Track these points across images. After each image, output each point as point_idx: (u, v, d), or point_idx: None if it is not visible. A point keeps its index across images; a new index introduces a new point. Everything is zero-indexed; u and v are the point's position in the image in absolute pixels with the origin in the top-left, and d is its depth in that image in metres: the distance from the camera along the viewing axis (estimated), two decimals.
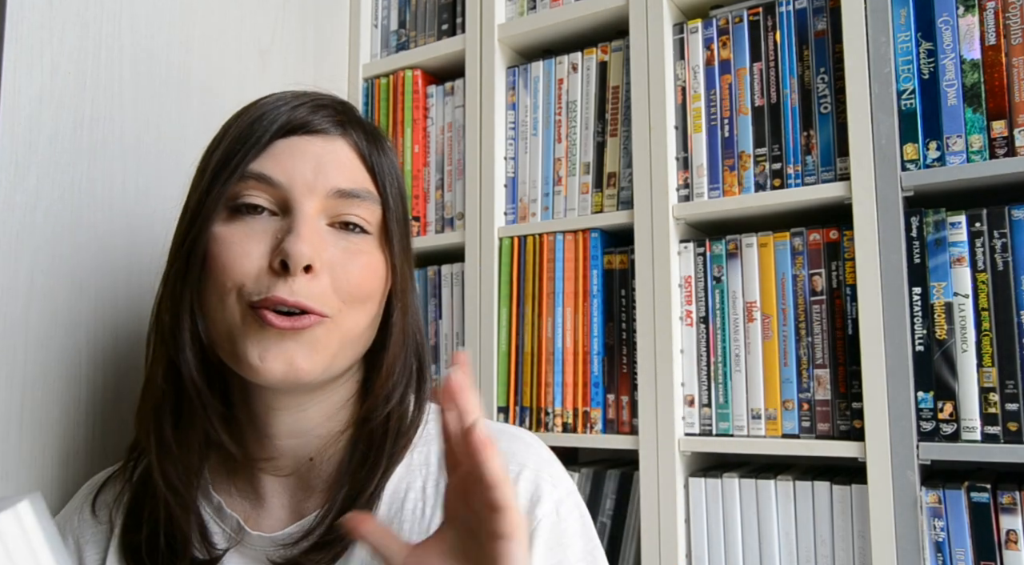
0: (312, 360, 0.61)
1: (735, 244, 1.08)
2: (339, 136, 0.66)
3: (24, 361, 0.81)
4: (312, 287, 0.60)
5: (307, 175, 0.62)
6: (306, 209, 0.62)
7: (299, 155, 0.63)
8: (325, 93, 0.69)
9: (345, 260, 0.63)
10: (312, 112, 0.65)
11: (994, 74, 0.94)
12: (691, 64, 1.13)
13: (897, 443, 0.93)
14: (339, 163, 0.64)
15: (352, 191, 0.64)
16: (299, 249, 0.59)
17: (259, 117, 0.64)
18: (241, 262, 0.61)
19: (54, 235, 0.84)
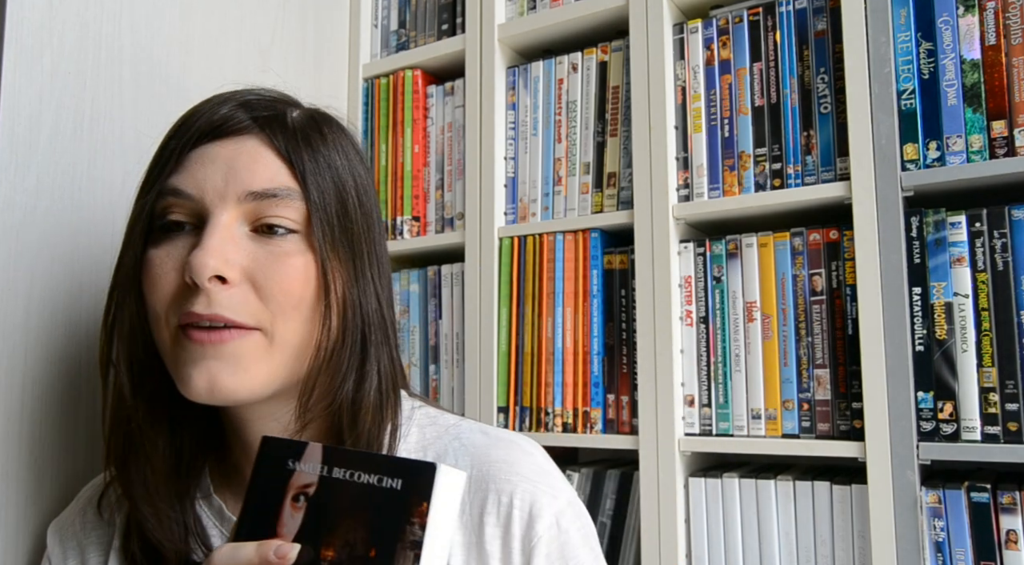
0: (238, 377, 0.58)
1: (735, 244, 1.08)
2: (252, 134, 0.62)
3: (24, 361, 0.81)
4: (231, 297, 0.58)
5: (217, 183, 0.60)
6: (219, 219, 0.59)
7: (209, 163, 0.61)
8: (259, 90, 0.66)
9: (268, 265, 0.60)
10: (232, 111, 0.63)
11: (994, 74, 0.94)
12: (691, 64, 1.13)
13: (897, 443, 0.93)
14: (251, 164, 0.61)
15: (267, 191, 0.60)
16: (199, 261, 0.57)
17: (177, 130, 0.64)
18: (163, 285, 0.60)
19: (54, 235, 0.84)
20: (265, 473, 0.50)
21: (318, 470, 0.48)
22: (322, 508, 0.47)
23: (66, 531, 0.73)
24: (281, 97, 0.67)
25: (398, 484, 0.45)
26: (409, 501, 0.44)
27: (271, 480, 0.49)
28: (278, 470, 0.49)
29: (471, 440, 0.66)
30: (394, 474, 0.45)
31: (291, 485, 0.48)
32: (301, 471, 0.48)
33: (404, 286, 1.33)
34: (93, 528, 0.71)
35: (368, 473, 0.46)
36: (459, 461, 0.65)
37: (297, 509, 0.48)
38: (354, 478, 0.46)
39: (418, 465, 0.44)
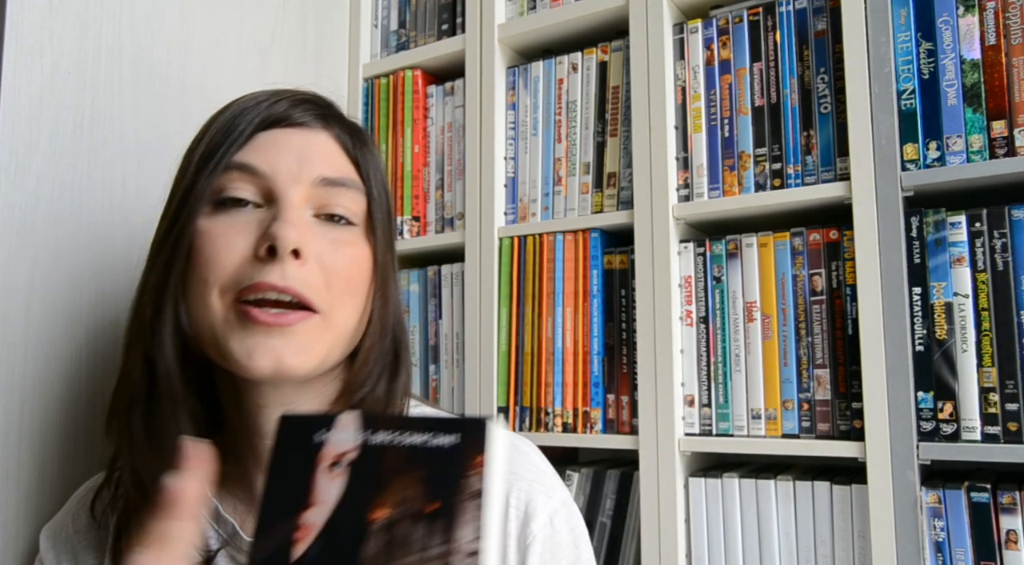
0: (300, 358, 0.60)
1: (735, 244, 1.08)
2: (321, 129, 0.65)
3: (24, 361, 0.81)
4: (303, 274, 0.60)
5: (291, 164, 0.62)
6: (291, 197, 0.61)
7: (282, 146, 0.63)
8: (306, 90, 0.69)
9: (332, 251, 0.62)
10: (292, 106, 0.65)
11: (994, 74, 0.94)
12: (691, 64, 1.13)
13: (897, 443, 0.93)
14: (323, 153, 0.64)
15: (337, 179, 0.63)
16: (286, 232, 0.58)
17: (240, 113, 0.64)
18: (225, 255, 0.60)
19: (54, 235, 0.84)
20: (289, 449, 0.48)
21: (359, 437, 0.46)
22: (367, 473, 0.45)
23: (59, 535, 0.72)
24: (323, 97, 0.70)
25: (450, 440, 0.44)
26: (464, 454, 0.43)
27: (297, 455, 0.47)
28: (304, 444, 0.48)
29: None
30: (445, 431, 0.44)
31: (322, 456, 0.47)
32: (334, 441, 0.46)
33: (404, 286, 1.33)
34: (86, 531, 0.71)
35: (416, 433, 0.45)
36: None
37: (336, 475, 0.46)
38: (400, 441, 0.45)
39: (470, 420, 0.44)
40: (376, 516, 0.44)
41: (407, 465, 0.44)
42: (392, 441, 0.45)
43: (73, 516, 0.73)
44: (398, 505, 0.43)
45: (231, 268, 0.60)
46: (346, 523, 0.44)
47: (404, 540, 0.43)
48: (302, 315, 0.60)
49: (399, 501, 0.44)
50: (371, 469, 0.45)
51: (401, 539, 0.43)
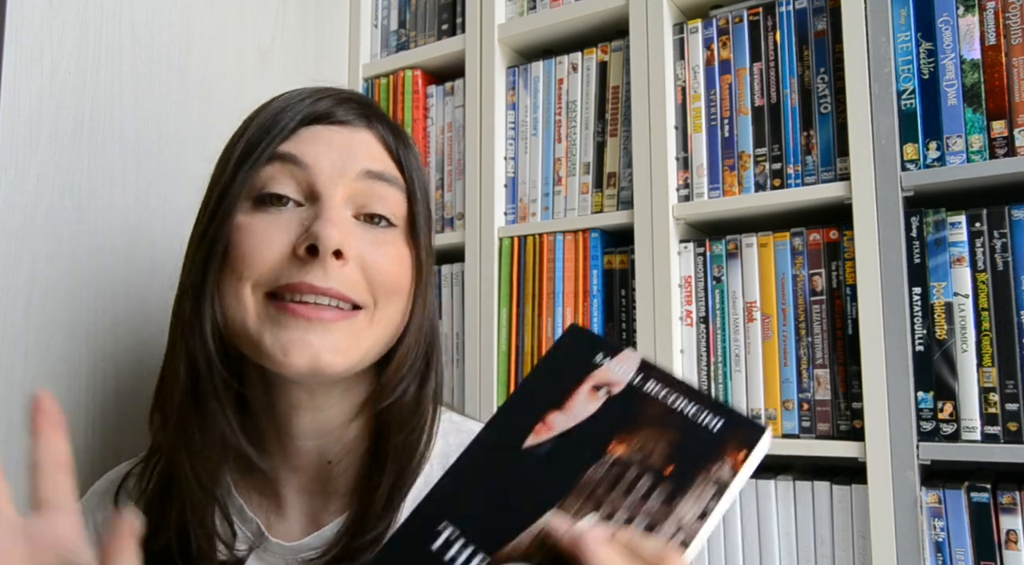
0: (339, 356, 0.59)
1: (735, 244, 1.08)
2: (364, 127, 0.65)
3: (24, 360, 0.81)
4: (345, 274, 0.59)
5: (334, 158, 0.61)
6: (333, 196, 0.60)
7: (325, 141, 0.62)
8: (347, 88, 0.68)
9: (374, 251, 0.61)
10: (336, 104, 0.64)
11: (994, 74, 0.94)
12: (691, 64, 1.13)
13: (897, 443, 0.93)
14: (366, 149, 0.63)
15: (381, 173, 0.63)
16: (328, 232, 0.57)
17: (282, 109, 0.63)
18: (262, 251, 0.59)
19: (54, 235, 0.85)
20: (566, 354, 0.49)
21: (630, 375, 0.47)
22: (623, 408, 0.46)
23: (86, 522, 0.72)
24: (365, 96, 0.70)
25: (718, 424, 0.44)
26: (726, 443, 0.43)
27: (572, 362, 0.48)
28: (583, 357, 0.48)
29: None
30: (717, 413, 0.44)
31: (594, 375, 0.47)
32: (610, 368, 0.47)
33: None
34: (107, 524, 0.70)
35: (687, 400, 0.45)
36: None
37: (595, 397, 0.47)
38: (667, 400, 0.45)
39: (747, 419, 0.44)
40: (615, 449, 0.44)
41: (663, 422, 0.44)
42: (658, 394, 0.46)
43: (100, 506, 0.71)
44: (638, 450, 0.44)
45: (268, 265, 0.59)
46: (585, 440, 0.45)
47: (628, 482, 0.43)
48: (342, 314, 0.59)
49: (640, 448, 0.44)
50: (628, 408, 0.46)
51: (626, 480, 0.43)
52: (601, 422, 0.46)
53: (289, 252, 0.59)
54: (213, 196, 0.63)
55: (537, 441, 0.46)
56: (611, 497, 0.42)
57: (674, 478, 0.42)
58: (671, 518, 0.41)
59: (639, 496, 0.42)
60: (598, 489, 0.43)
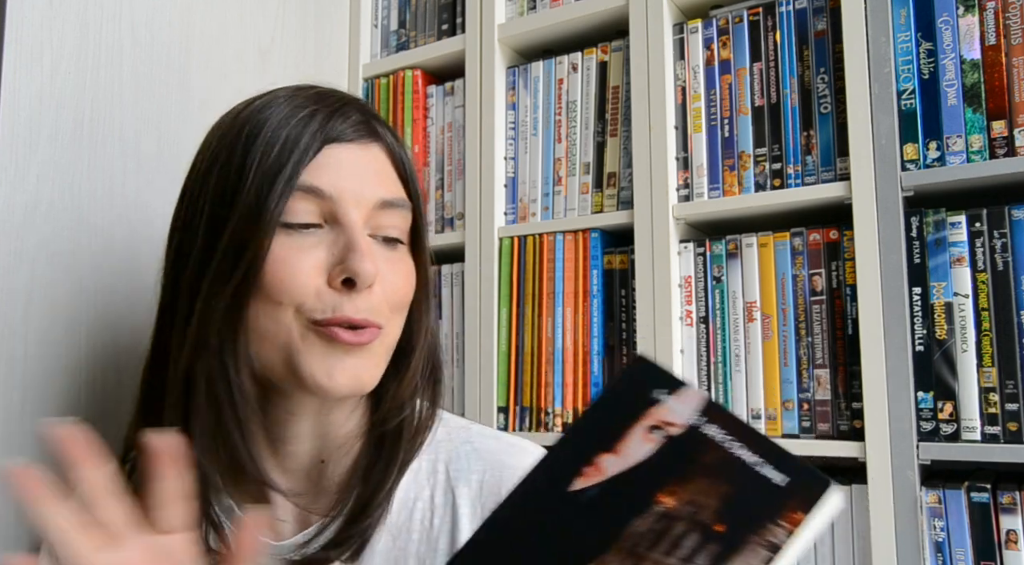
0: (372, 372, 0.62)
1: (735, 244, 1.08)
2: (373, 142, 0.65)
3: (24, 361, 0.81)
4: (371, 301, 0.61)
5: (355, 186, 0.62)
6: (356, 221, 0.62)
7: (346, 165, 0.63)
8: (341, 90, 0.69)
9: (389, 271, 0.63)
10: (343, 119, 0.64)
11: (994, 74, 0.94)
12: (691, 64, 1.13)
13: (897, 443, 0.93)
14: (379, 172, 0.65)
15: (393, 200, 0.64)
16: (366, 267, 0.59)
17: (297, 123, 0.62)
18: (298, 279, 0.60)
19: (54, 235, 0.85)
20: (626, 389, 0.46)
21: (691, 416, 0.44)
22: (678, 454, 0.43)
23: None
24: (361, 101, 0.70)
25: (780, 479, 0.40)
26: (785, 502, 0.40)
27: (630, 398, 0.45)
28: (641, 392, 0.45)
29: (484, 445, 0.68)
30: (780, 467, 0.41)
31: (649, 413, 0.45)
32: (668, 407, 0.44)
33: None
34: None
35: (749, 450, 0.42)
36: (472, 466, 0.66)
37: (649, 439, 0.44)
38: (728, 445, 0.42)
39: (813, 473, 0.40)
40: (664, 500, 0.42)
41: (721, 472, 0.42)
42: (721, 441, 0.43)
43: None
44: (689, 503, 0.41)
45: (305, 293, 0.60)
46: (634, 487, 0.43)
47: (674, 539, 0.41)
48: (374, 333, 0.61)
49: (692, 500, 0.41)
50: (685, 454, 0.43)
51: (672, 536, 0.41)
52: (653, 468, 0.43)
53: (323, 280, 0.60)
54: (233, 222, 0.61)
55: (585, 485, 0.44)
56: (654, 554, 0.40)
57: (724, 538, 0.40)
58: None
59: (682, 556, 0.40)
60: (641, 544, 0.41)
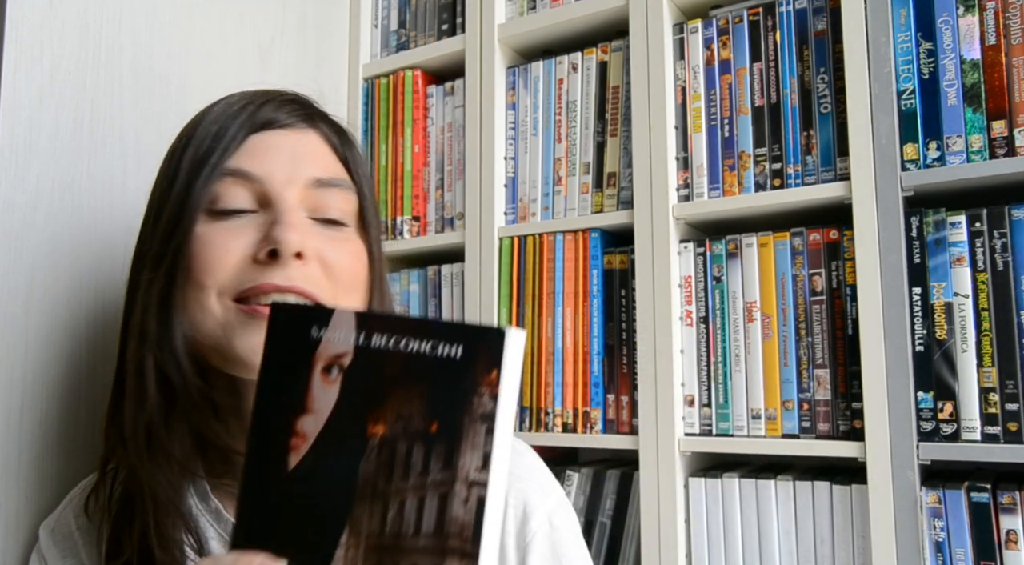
0: None
1: (735, 244, 1.08)
2: (309, 128, 0.66)
3: (24, 361, 0.81)
4: (306, 272, 0.61)
5: (284, 166, 0.63)
6: (288, 199, 0.62)
7: (273, 149, 0.64)
8: (288, 90, 0.69)
9: (333, 249, 0.63)
10: (278, 108, 0.65)
11: (994, 74, 0.94)
12: (691, 64, 1.13)
13: (897, 443, 0.93)
14: (314, 154, 0.65)
15: (331, 180, 0.64)
16: (288, 235, 0.59)
17: (227, 117, 0.64)
18: (223, 259, 0.60)
19: (54, 235, 0.84)
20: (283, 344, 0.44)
21: (352, 338, 0.42)
22: (363, 380, 0.41)
23: (63, 531, 0.72)
24: (306, 97, 0.70)
25: (458, 351, 0.39)
26: (475, 369, 0.39)
27: (292, 351, 0.43)
28: (300, 340, 0.43)
29: None
30: (452, 340, 0.40)
31: (319, 355, 0.43)
32: (329, 340, 0.43)
33: (404, 286, 1.33)
34: (87, 529, 0.71)
35: (418, 339, 0.41)
36: None
37: (330, 382, 0.42)
38: (400, 346, 0.41)
39: (482, 330, 0.39)
40: (374, 431, 0.40)
41: (407, 376, 0.40)
42: (391, 345, 0.41)
43: (75, 513, 0.72)
44: (397, 420, 0.40)
45: (229, 271, 0.60)
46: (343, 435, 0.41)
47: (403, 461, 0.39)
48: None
49: (398, 416, 0.40)
50: (368, 376, 0.41)
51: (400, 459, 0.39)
52: (349, 408, 0.41)
53: (250, 257, 0.60)
54: (167, 209, 0.63)
55: (299, 458, 0.42)
56: (394, 485, 0.39)
57: (442, 434, 0.39)
58: (458, 481, 0.38)
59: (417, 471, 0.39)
60: (378, 483, 0.39)
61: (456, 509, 0.38)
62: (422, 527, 0.38)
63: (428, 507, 0.39)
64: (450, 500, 0.38)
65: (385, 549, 0.39)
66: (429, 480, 0.39)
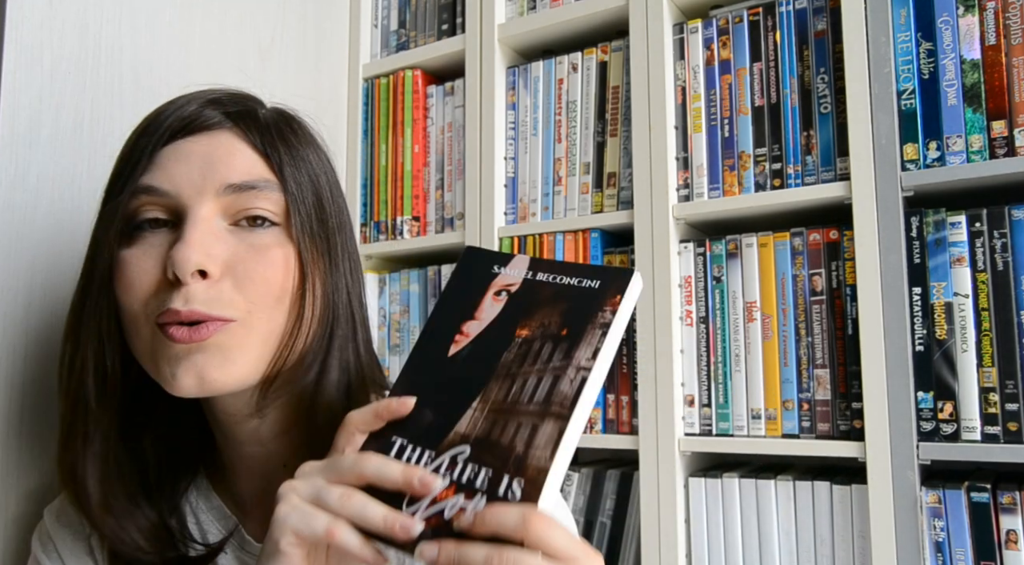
0: (223, 370, 0.58)
1: (735, 244, 1.08)
2: (226, 129, 0.62)
3: (24, 361, 0.81)
4: (210, 293, 0.58)
5: (194, 177, 0.60)
6: (198, 213, 0.59)
7: (183, 159, 0.60)
8: (230, 88, 0.66)
9: (248, 258, 0.60)
10: (201, 108, 0.62)
11: (994, 74, 0.94)
12: (691, 64, 1.13)
13: (897, 443, 0.93)
14: (228, 157, 0.61)
15: (246, 183, 0.60)
16: (183, 255, 0.56)
17: (146, 127, 0.63)
18: (140, 281, 0.59)
19: (54, 235, 0.84)
20: (469, 273, 0.58)
21: (523, 274, 0.56)
22: (522, 300, 0.55)
23: (44, 536, 0.72)
24: (248, 95, 0.67)
25: (596, 283, 0.53)
26: (605, 293, 0.52)
27: (475, 279, 0.57)
28: (483, 272, 0.57)
29: None
30: (594, 277, 0.54)
31: (494, 283, 0.57)
32: (505, 275, 0.57)
33: (404, 286, 1.33)
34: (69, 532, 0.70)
35: (570, 276, 0.54)
36: None
37: (498, 301, 0.56)
38: (555, 280, 0.55)
39: (616, 269, 0.53)
40: (520, 333, 0.54)
41: (555, 299, 0.54)
42: (549, 280, 0.55)
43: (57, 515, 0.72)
44: (539, 327, 0.54)
45: (146, 295, 0.59)
46: (496, 335, 0.55)
47: (536, 353, 0.53)
48: (215, 326, 0.58)
49: (540, 325, 0.54)
50: (526, 298, 0.55)
51: (534, 352, 0.53)
52: (506, 317, 0.55)
53: (162, 278, 0.59)
54: (92, 232, 0.63)
55: (458, 349, 0.55)
56: (523, 369, 0.52)
57: (569, 336, 0.52)
58: (571, 367, 0.51)
59: (544, 360, 0.52)
60: (512, 367, 0.52)
61: (564, 385, 0.50)
62: (534, 397, 0.51)
63: (543, 384, 0.51)
64: (561, 379, 0.51)
65: (502, 411, 0.51)
66: (550, 366, 0.51)
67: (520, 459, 0.48)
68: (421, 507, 0.49)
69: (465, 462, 0.50)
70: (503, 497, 0.47)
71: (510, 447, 0.49)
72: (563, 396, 0.49)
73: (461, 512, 0.48)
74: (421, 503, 0.49)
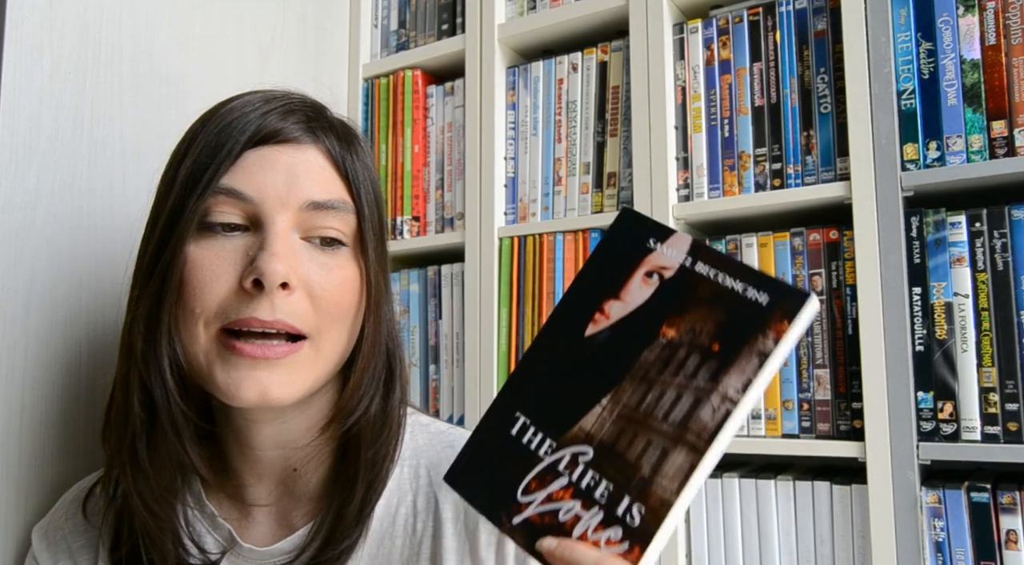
0: (286, 388, 0.59)
1: (735, 244, 1.08)
2: (311, 144, 0.63)
3: (24, 360, 0.81)
4: (292, 304, 0.58)
5: (279, 188, 0.60)
6: (279, 224, 0.59)
7: (269, 167, 0.60)
8: (296, 94, 0.66)
9: (322, 276, 0.61)
10: (282, 118, 0.62)
11: (994, 74, 0.94)
12: (691, 64, 1.13)
13: (897, 443, 0.93)
14: (312, 173, 0.61)
15: (327, 203, 0.61)
16: (273, 266, 0.57)
17: (227, 125, 0.61)
18: (212, 285, 0.59)
19: (54, 235, 0.84)
20: (621, 242, 0.52)
21: (681, 258, 0.49)
22: (675, 291, 0.49)
23: (55, 534, 0.72)
24: (321, 106, 0.67)
25: (764, 298, 0.46)
26: (771, 315, 0.45)
27: (627, 250, 0.51)
28: (637, 243, 0.51)
29: None
30: (762, 287, 0.46)
31: (647, 261, 0.50)
32: (662, 253, 0.50)
33: (404, 286, 1.33)
34: (83, 532, 0.71)
35: (734, 278, 0.48)
36: None
37: (648, 284, 0.50)
38: (717, 278, 0.48)
39: (791, 288, 0.46)
40: (666, 332, 0.48)
41: (712, 301, 0.48)
42: (710, 275, 0.48)
43: (68, 516, 0.72)
44: (688, 332, 0.48)
45: (217, 299, 0.58)
46: (640, 326, 0.49)
47: (679, 362, 0.47)
48: (290, 348, 0.59)
49: (690, 329, 0.48)
50: (680, 291, 0.49)
51: (678, 360, 0.47)
52: (654, 307, 0.49)
53: (237, 285, 0.58)
54: (160, 223, 0.62)
55: (596, 330, 0.50)
56: (663, 377, 0.47)
57: (720, 354, 0.46)
58: (716, 393, 0.45)
59: (687, 375, 0.46)
60: (651, 371, 0.47)
61: (704, 413, 0.45)
62: (670, 416, 0.46)
63: (682, 403, 0.46)
64: (702, 405, 0.45)
65: (632, 420, 0.47)
66: (693, 384, 0.46)
67: (644, 483, 0.45)
68: (537, 500, 0.47)
69: (586, 466, 0.47)
70: (621, 518, 0.45)
71: (636, 466, 0.45)
72: (702, 426, 0.45)
73: (576, 519, 0.46)
74: (537, 495, 0.47)
